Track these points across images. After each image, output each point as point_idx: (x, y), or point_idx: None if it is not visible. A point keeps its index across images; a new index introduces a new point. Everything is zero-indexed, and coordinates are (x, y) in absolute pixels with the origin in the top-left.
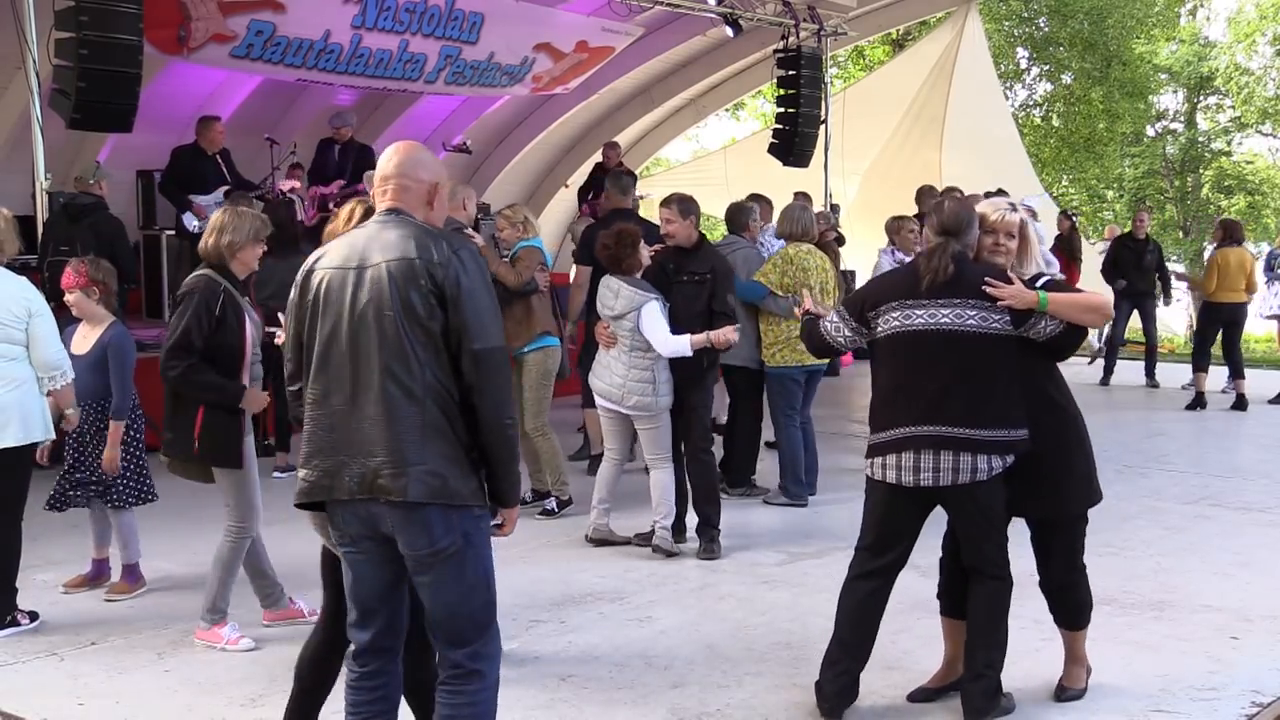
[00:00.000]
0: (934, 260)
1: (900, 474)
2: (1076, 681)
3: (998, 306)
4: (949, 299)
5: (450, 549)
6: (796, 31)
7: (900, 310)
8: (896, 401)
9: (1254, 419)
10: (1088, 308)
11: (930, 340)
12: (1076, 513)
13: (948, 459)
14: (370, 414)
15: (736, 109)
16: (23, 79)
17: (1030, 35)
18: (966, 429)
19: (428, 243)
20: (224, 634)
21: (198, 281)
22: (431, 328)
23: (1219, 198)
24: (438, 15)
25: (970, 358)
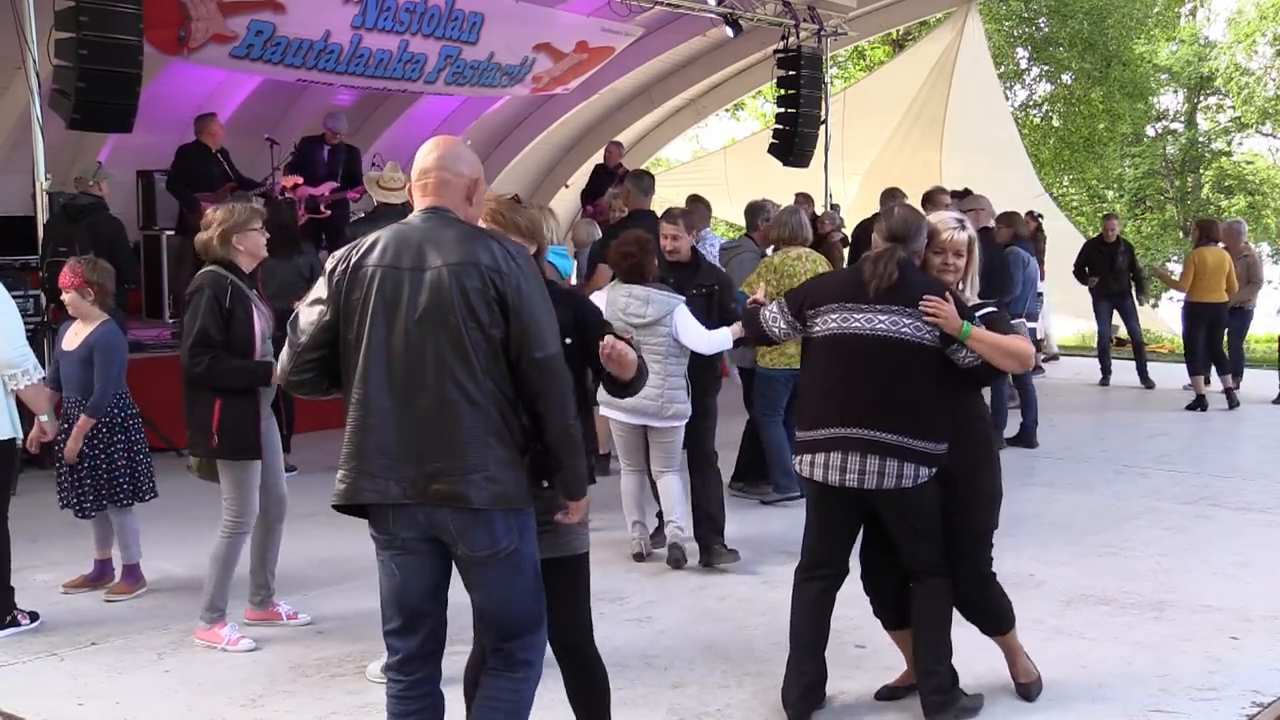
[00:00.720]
0: (879, 266)
1: (828, 473)
2: (1029, 674)
3: (914, 319)
4: (887, 305)
5: (509, 548)
6: (796, 32)
7: (839, 312)
8: (828, 401)
9: (1254, 419)
10: (1007, 353)
11: (866, 344)
12: (981, 529)
13: (874, 463)
14: (430, 418)
15: (736, 109)
16: (23, 79)
17: (1030, 35)
18: (896, 435)
19: (488, 247)
20: (224, 634)
21: (204, 278)
22: (493, 334)
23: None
24: (438, 15)
25: (903, 366)
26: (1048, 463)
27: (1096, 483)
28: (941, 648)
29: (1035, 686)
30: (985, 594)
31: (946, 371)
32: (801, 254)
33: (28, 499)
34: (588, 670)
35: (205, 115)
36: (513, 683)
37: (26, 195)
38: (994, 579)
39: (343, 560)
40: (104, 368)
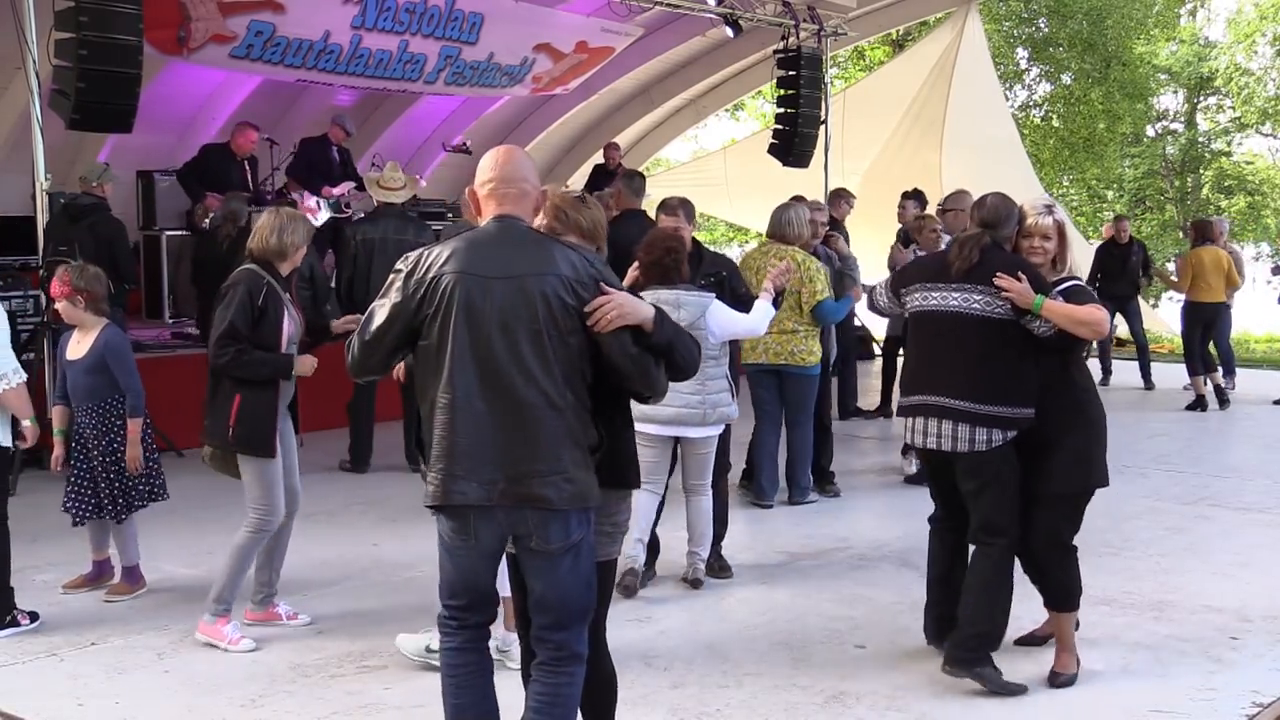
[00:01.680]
0: (964, 249)
1: (914, 436)
2: (1067, 667)
3: (997, 294)
4: (962, 284)
5: (578, 541)
6: (796, 32)
7: (922, 291)
8: (918, 371)
9: (1254, 419)
10: (1079, 321)
11: (942, 320)
12: (1060, 491)
13: (948, 427)
14: (513, 423)
15: (736, 109)
16: (22, 79)
17: (1030, 36)
18: (967, 402)
19: (567, 256)
20: (226, 632)
21: (242, 274)
22: (571, 341)
23: (1219, 198)
24: (437, 16)
25: (974, 338)
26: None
27: None
28: (986, 611)
29: (1066, 679)
30: (1059, 563)
31: (1027, 342)
32: (775, 249)
33: (28, 499)
34: (600, 667)
35: (241, 123)
36: (570, 676)
37: (26, 195)
38: (1073, 552)
39: (343, 560)
40: (123, 367)
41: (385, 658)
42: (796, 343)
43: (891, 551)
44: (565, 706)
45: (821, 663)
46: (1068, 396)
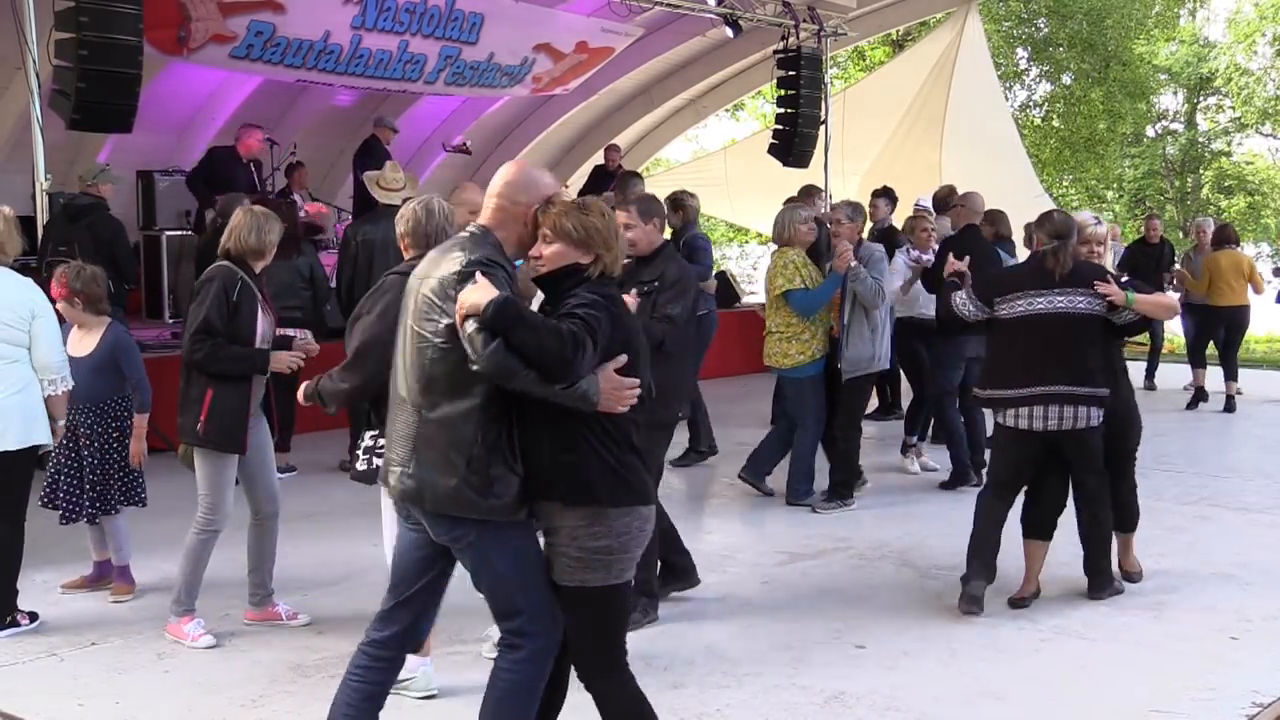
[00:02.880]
0: (1058, 259)
1: (1031, 422)
2: (1133, 565)
3: (1096, 295)
4: (1063, 288)
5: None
6: (796, 32)
7: (1025, 298)
8: (1026, 366)
9: (1254, 419)
10: (1163, 307)
11: (1052, 320)
12: (1128, 449)
13: (1069, 410)
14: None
15: (736, 109)
16: (23, 79)
17: (1030, 36)
18: (1078, 387)
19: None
20: (187, 630)
21: (216, 270)
22: (442, 346)
23: (1219, 198)
24: (437, 16)
25: (1078, 333)
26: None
27: None
28: (1106, 547)
29: (1137, 576)
30: (1131, 498)
31: (1107, 332)
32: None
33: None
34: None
35: (246, 125)
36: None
37: (26, 195)
38: (1135, 492)
39: (343, 560)
40: (133, 364)
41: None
42: (772, 344)
43: (891, 551)
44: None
45: (821, 663)
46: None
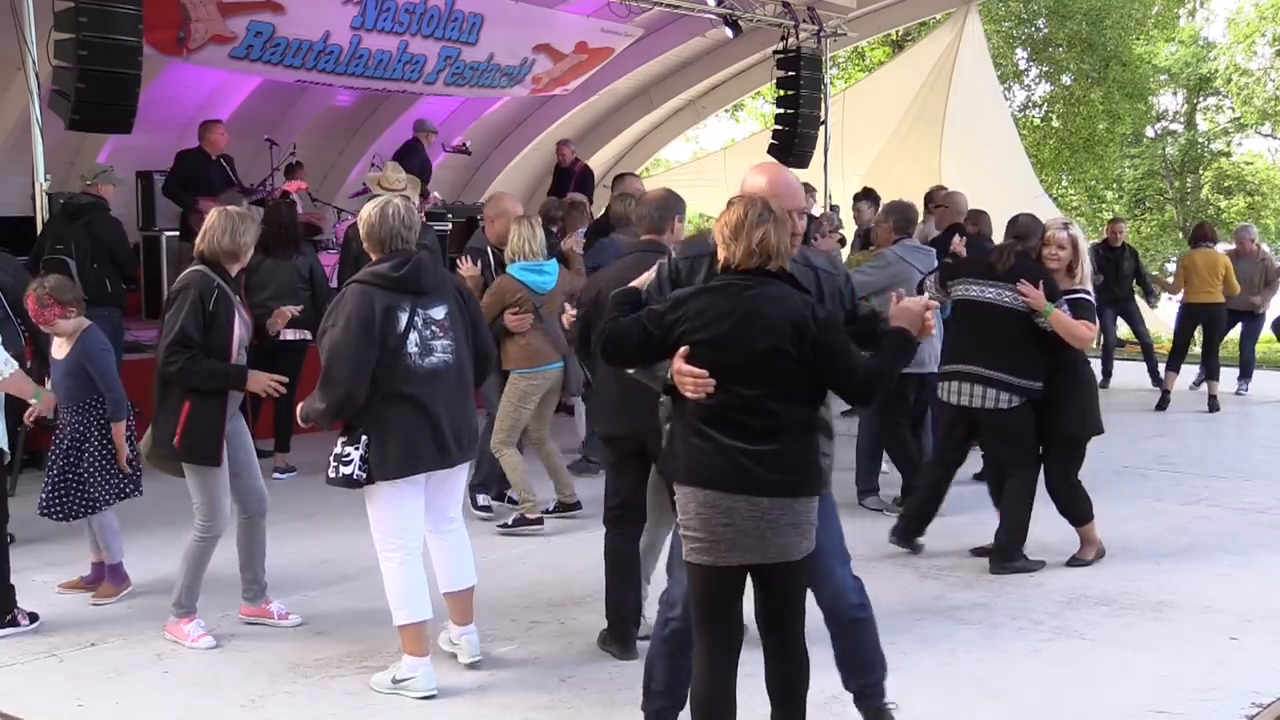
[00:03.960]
0: (1003, 255)
1: (949, 395)
2: (1085, 555)
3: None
4: (998, 282)
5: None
6: (796, 32)
7: (966, 285)
8: (957, 345)
9: (1254, 419)
10: (1071, 335)
11: (982, 308)
12: (1063, 435)
13: (978, 389)
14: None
15: (736, 110)
16: (22, 80)
17: (1029, 36)
18: (990, 370)
19: None
20: (187, 631)
21: (192, 277)
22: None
23: (1219, 198)
24: (437, 16)
25: (1003, 324)
26: None
27: (1096, 483)
28: (1014, 521)
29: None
30: (1068, 491)
31: (1039, 330)
32: None
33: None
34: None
35: (207, 122)
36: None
37: (26, 195)
38: (1079, 484)
39: (342, 560)
40: (101, 370)
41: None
42: None
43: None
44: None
45: (821, 663)
46: (1067, 368)
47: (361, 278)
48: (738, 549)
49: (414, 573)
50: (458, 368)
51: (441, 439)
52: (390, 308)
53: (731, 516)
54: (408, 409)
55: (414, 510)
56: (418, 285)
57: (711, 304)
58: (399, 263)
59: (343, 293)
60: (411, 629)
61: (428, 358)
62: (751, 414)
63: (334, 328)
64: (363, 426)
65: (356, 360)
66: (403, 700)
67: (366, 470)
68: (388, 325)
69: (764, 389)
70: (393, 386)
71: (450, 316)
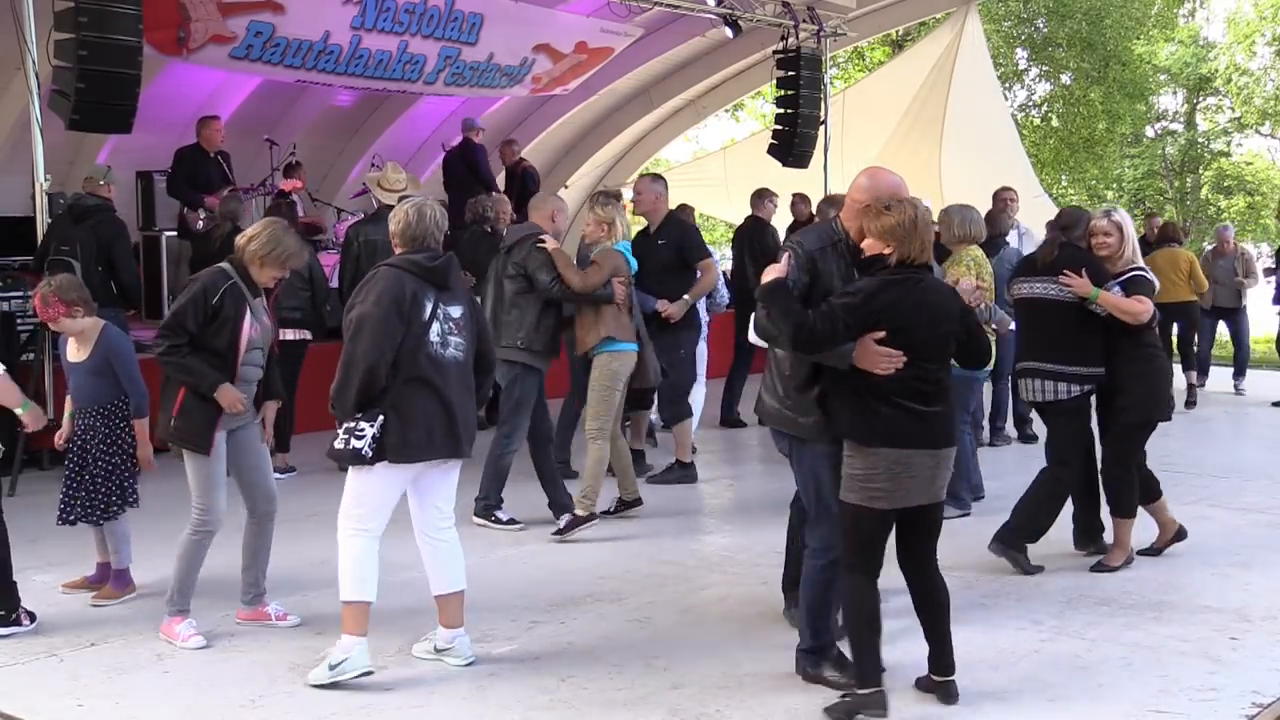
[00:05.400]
0: (1046, 249)
1: (1023, 393)
2: (1113, 561)
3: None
4: (1042, 277)
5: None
6: (796, 32)
7: (1021, 283)
8: (1023, 342)
9: (1253, 419)
10: (1125, 312)
11: (1036, 303)
12: (1125, 422)
13: (1037, 383)
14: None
15: (736, 110)
16: (22, 80)
17: (1029, 36)
18: (1047, 363)
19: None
20: (179, 630)
21: (205, 272)
22: None
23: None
24: (437, 16)
25: (1056, 315)
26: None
27: None
28: (1038, 517)
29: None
30: (1122, 477)
31: (1093, 316)
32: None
33: (27, 499)
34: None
35: (204, 118)
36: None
37: (26, 195)
38: (1134, 473)
39: None
40: (126, 366)
41: (384, 658)
42: None
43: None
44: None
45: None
46: (1136, 354)
47: (395, 262)
48: (914, 493)
49: (369, 552)
50: (467, 366)
51: (454, 429)
52: (418, 294)
53: (915, 469)
54: (428, 394)
55: (393, 495)
56: (445, 280)
57: (902, 297)
58: (432, 255)
59: (374, 273)
60: (354, 607)
61: (446, 350)
62: (929, 384)
63: (364, 303)
64: (382, 407)
65: (384, 334)
66: (403, 699)
67: (375, 448)
68: (415, 310)
69: (939, 363)
70: (415, 371)
71: (465, 317)
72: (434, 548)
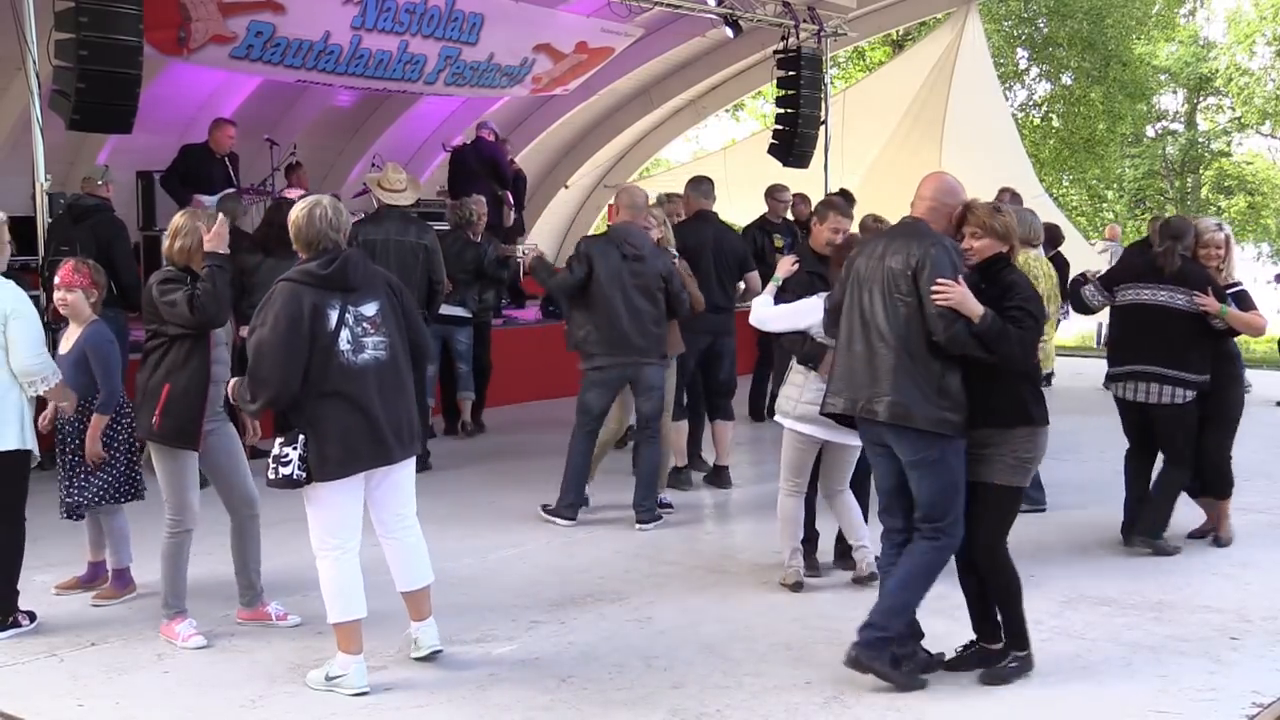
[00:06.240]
0: (1168, 258)
1: (1126, 393)
2: (1228, 533)
3: (1192, 297)
4: (1167, 284)
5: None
6: (796, 32)
7: (1134, 288)
8: (1129, 345)
9: (1254, 419)
10: (1251, 327)
11: (1151, 310)
12: (1232, 417)
13: (1154, 387)
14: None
15: (736, 110)
16: (23, 80)
17: (1030, 36)
18: (1166, 368)
19: (921, 243)
20: (178, 630)
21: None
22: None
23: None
24: (437, 16)
25: (1176, 324)
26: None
27: (1098, 483)
28: (1167, 509)
29: (1225, 541)
30: (1221, 469)
31: (1206, 327)
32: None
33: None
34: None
35: (218, 120)
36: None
37: (26, 195)
38: (1229, 462)
39: None
40: (102, 365)
41: (385, 658)
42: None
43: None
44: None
45: (821, 663)
46: (1225, 363)
47: (290, 275)
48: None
49: (349, 570)
50: (392, 363)
51: (380, 436)
52: (319, 306)
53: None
54: (343, 407)
55: (352, 509)
56: (346, 282)
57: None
58: (326, 261)
59: (272, 291)
60: (346, 627)
61: (360, 355)
62: None
63: (262, 326)
64: (299, 426)
65: (284, 359)
66: (403, 700)
67: (305, 470)
68: (318, 323)
69: None
70: (327, 385)
71: (382, 312)
72: (394, 545)
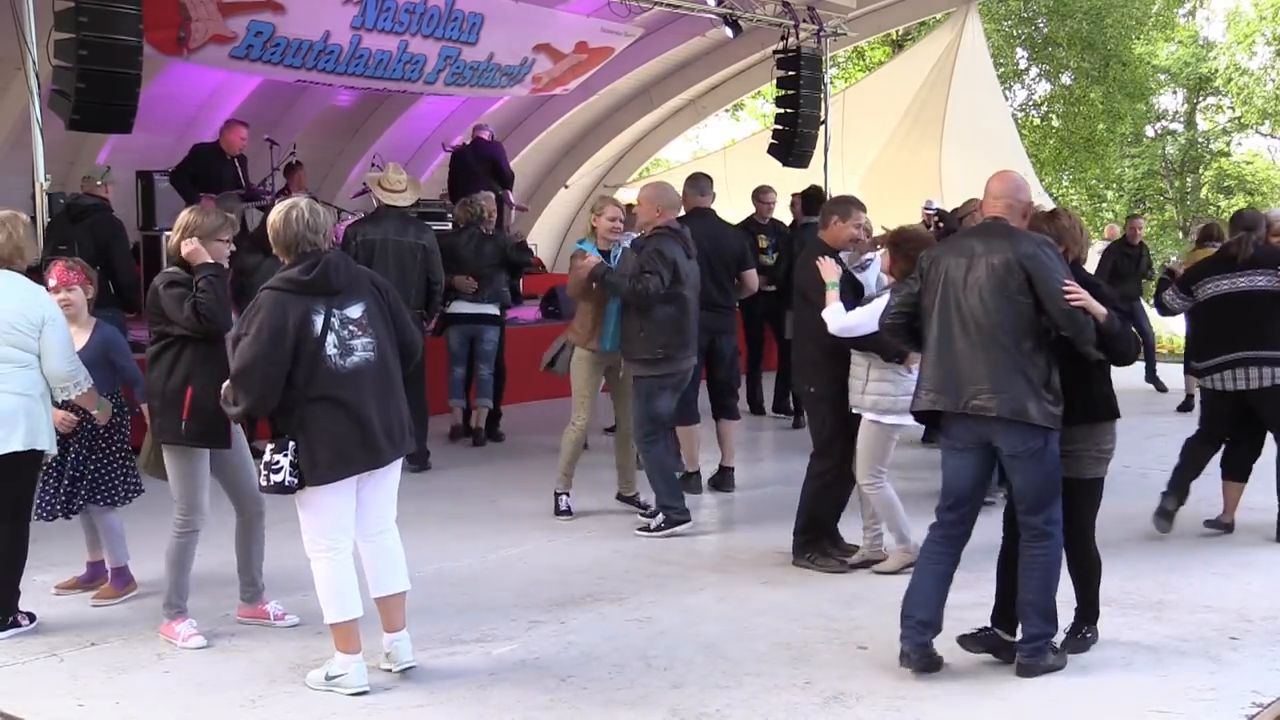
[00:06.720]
0: (1241, 246)
1: (1223, 384)
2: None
3: (1274, 273)
4: (1244, 270)
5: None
6: (796, 32)
7: (1213, 282)
8: (1218, 336)
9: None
10: None
11: (1235, 298)
12: None
13: (1254, 371)
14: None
15: (736, 110)
16: (22, 80)
17: (1030, 35)
18: (1262, 350)
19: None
20: (179, 630)
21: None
22: (1019, 299)
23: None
24: (437, 16)
25: (1263, 307)
26: None
27: None
28: None
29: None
30: None
31: None
32: None
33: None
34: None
35: (229, 121)
36: (1043, 549)
37: (26, 195)
38: None
39: None
40: (126, 359)
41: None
42: None
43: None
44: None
45: (821, 663)
46: None
47: (273, 283)
48: None
49: (344, 571)
50: (381, 364)
51: (371, 438)
52: (304, 312)
53: None
54: (333, 412)
55: (344, 510)
56: (328, 286)
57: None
58: (308, 266)
59: (257, 299)
60: (343, 627)
61: (349, 358)
62: None
63: (245, 336)
64: (289, 432)
65: (267, 369)
66: (403, 700)
67: (297, 476)
68: (303, 330)
69: None
70: (316, 390)
71: (368, 313)
72: (373, 547)
